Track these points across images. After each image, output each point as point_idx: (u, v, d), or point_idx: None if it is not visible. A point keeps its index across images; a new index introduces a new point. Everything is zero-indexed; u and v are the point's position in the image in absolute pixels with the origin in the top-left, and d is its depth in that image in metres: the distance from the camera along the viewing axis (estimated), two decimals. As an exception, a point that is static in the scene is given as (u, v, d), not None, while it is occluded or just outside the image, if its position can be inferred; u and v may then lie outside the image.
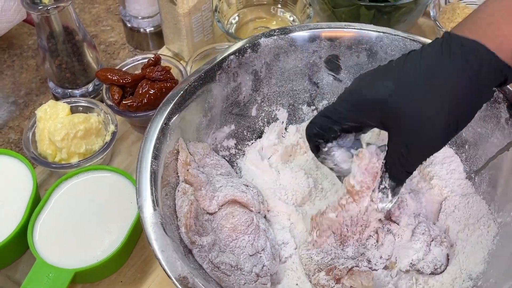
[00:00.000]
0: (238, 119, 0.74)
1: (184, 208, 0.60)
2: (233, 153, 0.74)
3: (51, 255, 0.64)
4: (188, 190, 0.62)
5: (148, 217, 0.54)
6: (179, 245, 0.56)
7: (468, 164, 0.70)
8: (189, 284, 0.50)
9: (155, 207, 0.55)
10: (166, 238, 0.53)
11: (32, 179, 0.70)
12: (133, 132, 0.82)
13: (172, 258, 0.52)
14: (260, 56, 0.72)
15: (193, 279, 0.50)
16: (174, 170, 0.64)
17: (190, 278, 0.50)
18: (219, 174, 0.68)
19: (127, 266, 0.69)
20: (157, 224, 0.54)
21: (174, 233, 0.57)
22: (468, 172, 0.70)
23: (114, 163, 0.79)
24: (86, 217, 0.67)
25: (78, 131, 0.73)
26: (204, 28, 0.88)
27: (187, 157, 0.65)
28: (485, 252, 0.62)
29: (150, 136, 0.61)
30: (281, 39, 0.72)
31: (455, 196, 0.68)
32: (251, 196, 0.65)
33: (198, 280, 0.51)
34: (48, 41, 0.79)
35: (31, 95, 0.90)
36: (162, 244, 0.53)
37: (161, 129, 0.62)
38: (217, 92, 0.70)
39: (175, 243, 0.55)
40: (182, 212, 0.59)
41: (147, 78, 0.77)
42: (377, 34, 0.72)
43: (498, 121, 0.65)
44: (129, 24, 0.95)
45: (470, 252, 0.63)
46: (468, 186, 0.69)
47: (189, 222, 0.59)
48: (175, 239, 0.56)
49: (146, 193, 0.56)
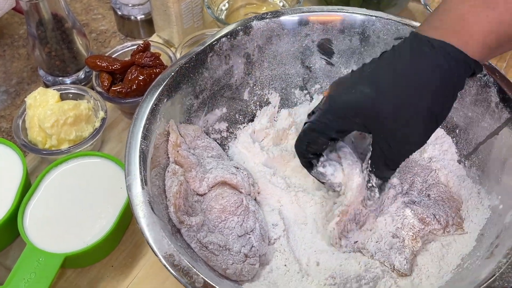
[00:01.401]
0: (230, 102, 0.74)
1: (173, 188, 0.60)
2: (225, 136, 0.74)
3: (42, 240, 0.64)
4: (178, 171, 0.62)
5: (136, 195, 0.55)
6: (167, 224, 0.56)
7: (459, 148, 0.70)
8: (175, 262, 0.50)
9: (143, 186, 0.56)
10: (153, 217, 0.53)
11: (22, 166, 0.70)
12: (123, 119, 0.82)
13: (159, 236, 0.52)
14: (252, 39, 0.72)
15: (179, 257, 0.51)
16: (164, 151, 0.64)
17: (176, 256, 0.51)
18: (209, 156, 0.68)
19: (118, 251, 0.69)
20: (145, 203, 0.54)
21: (162, 212, 0.57)
22: (459, 156, 0.70)
23: (104, 150, 0.79)
24: (76, 202, 0.68)
25: (68, 118, 0.73)
26: (193, 15, 0.88)
27: (177, 138, 0.65)
28: (475, 234, 0.62)
29: (140, 117, 0.62)
30: (274, 22, 0.72)
31: (453, 176, 0.68)
32: (241, 178, 0.65)
33: (185, 258, 0.51)
34: (37, 28, 0.79)
35: (23, 84, 0.90)
36: (149, 222, 0.53)
37: (151, 110, 0.63)
38: (208, 74, 0.70)
39: (163, 221, 0.55)
40: (171, 192, 0.60)
41: (136, 65, 0.77)
42: (370, 18, 0.72)
43: (488, 105, 0.66)
44: (119, 12, 0.95)
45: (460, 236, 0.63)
46: (460, 168, 0.69)
47: (178, 202, 0.59)
48: (163, 218, 0.56)
49: (135, 172, 0.57)
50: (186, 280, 0.49)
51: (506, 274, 0.50)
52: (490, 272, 0.51)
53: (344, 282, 0.60)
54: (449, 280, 0.58)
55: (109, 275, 0.67)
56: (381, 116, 0.53)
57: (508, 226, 0.57)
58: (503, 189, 0.62)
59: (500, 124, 0.64)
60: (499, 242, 0.55)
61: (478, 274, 0.52)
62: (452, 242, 0.63)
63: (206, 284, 0.49)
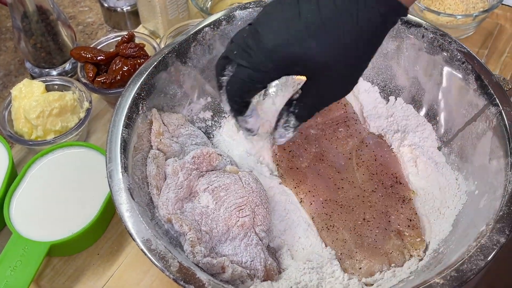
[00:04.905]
0: (215, 92, 0.75)
1: (152, 171, 0.61)
2: (209, 125, 0.75)
3: (28, 229, 0.65)
4: (159, 155, 0.64)
5: (116, 182, 0.56)
6: (146, 209, 0.57)
7: (439, 135, 0.71)
8: (152, 246, 0.51)
9: (123, 173, 0.57)
10: (132, 203, 0.55)
11: (8, 156, 0.71)
12: (109, 110, 0.83)
13: (138, 221, 0.53)
14: (235, 29, 0.72)
15: (156, 242, 0.52)
16: (147, 140, 0.66)
17: (153, 241, 0.52)
18: (193, 144, 0.69)
19: (103, 239, 0.70)
20: (124, 190, 0.55)
21: (142, 198, 0.58)
22: (439, 143, 0.71)
23: (90, 140, 0.80)
24: (62, 192, 0.69)
25: (53, 109, 0.74)
26: (178, 5, 0.89)
27: (160, 127, 0.66)
28: (451, 220, 0.63)
29: (122, 106, 0.63)
30: (257, 12, 0.72)
31: (431, 163, 0.69)
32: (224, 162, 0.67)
33: (162, 242, 0.52)
34: (22, 21, 0.79)
35: (10, 76, 0.91)
36: (128, 208, 0.54)
37: (133, 99, 0.64)
38: (192, 64, 0.71)
39: (142, 207, 0.56)
40: (151, 176, 0.61)
41: (120, 55, 0.78)
42: None
43: (467, 92, 0.67)
44: (106, 4, 0.96)
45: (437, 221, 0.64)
46: (440, 155, 0.70)
47: (159, 184, 0.60)
48: (142, 204, 0.57)
49: (115, 160, 0.58)
50: (162, 264, 0.51)
51: (474, 257, 0.51)
52: (460, 255, 0.52)
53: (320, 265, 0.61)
54: (425, 264, 0.59)
55: (95, 263, 0.68)
56: (323, 68, 0.53)
57: (481, 211, 0.58)
58: (479, 175, 0.63)
59: (477, 111, 0.65)
60: (473, 226, 0.56)
61: (450, 257, 0.53)
62: (428, 228, 0.64)
63: (182, 268, 0.50)
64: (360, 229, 0.64)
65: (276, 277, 0.59)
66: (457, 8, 0.89)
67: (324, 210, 0.66)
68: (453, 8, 0.89)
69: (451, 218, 0.63)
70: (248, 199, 0.61)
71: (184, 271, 0.50)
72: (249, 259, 0.58)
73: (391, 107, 0.75)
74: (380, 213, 0.65)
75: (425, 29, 0.70)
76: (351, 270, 0.61)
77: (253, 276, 0.57)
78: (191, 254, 0.55)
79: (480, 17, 0.86)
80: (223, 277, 0.56)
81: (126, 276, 0.67)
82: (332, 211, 0.66)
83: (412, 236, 0.63)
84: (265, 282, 0.57)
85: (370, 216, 0.65)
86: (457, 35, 0.89)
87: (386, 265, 0.61)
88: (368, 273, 0.61)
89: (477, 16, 0.85)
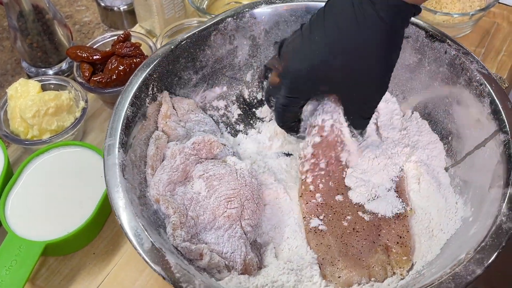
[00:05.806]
0: (231, 81, 0.75)
1: (150, 151, 0.63)
2: (221, 114, 0.75)
3: (23, 229, 0.65)
4: (162, 137, 0.65)
5: (110, 157, 0.57)
6: (136, 188, 0.58)
7: (448, 156, 0.69)
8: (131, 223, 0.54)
9: (119, 149, 0.57)
10: (122, 179, 0.56)
11: (4, 156, 0.71)
12: (105, 109, 0.83)
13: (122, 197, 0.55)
14: (259, 22, 0.73)
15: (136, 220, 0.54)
16: (154, 121, 0.67)
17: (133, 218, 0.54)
18: (201, 131, 0.70)
19: (99, 238, 0.70)
20: (116, 165, 0.56)
21: (135, 176, 0.59)
22: (447, 164, 0.69)
23: (87, 140, 0.80)
24: (58, 191, 0.69)
25: (49, 108, 0.74)
26: (175, 5, 0.89)
27: (168, 110, 0.67)
28: (441, 243, 0.61)
29: (133, 83, 0.64)
30: (282, 7, 0.73)
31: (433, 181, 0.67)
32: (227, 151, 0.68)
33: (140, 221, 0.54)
34: (18, 20, 0.79)
35: (7, 76, 0.91)
36: (116, 183, 0.55)
37: (144, 79, 0.65)
38: (210, 52, 0.71)
39: (131, 185, 0.56)
40: (149, 156, 0.62)
41: (116, 55, 0.78)
42: None
43: (481, 115, 0.64)
44: (103, 3, 0.96)
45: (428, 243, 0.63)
46: (446, 176, 0.68)
47: (155, 165, 0.62)
48: (133, 182, 0.58)
49: (115, 136, 0.59)
50: (136, 241, 0.52)
51: (444, 285, 0.50)
52: (431, 281, 0.51)
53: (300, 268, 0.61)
54: (405, 283, 0.58)
55: (91, 262, 0.68)
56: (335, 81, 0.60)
57: (470, 238, 0.56)
58: (476, 202, 0.61)
59: (487, 136, 0.62)
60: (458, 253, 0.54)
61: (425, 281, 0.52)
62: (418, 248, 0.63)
63: (154, 247, 0.52)
64: (348, 238, 0.63)
65: (254, 272, 0.60)
66: (454, 6, 0.89)
67: (317, 212, 0.65)
68: (449, 7, 0.89)
69: (442, 241, 0.61)
70: (239, 191, 0.62)
71: (154, 252, 0.52)
72: (229, 251, 0.59)
73: (406, 120, 0.73)
74: (372, 225, 0.64)
75: (448, 46, 0.67)
76: (330, 278, 0.61)
77: (231, 267, 0.58)
78: (172, 236, 0.56)
79: (477, 16, 0.86)
80: (200, 263, 0.56)
81: (121, 276, 0.67)
82: (324, 215, 0.65)
83: (399, 253, 0.62)
84: (242, 276, 0.57)
85: (360, 226, 0.64)
86: (453, 34, 0.89)
87: (365, 278, 0.60)
88: (346, 283, 0.60)
89: (473, 15, 0.85)
